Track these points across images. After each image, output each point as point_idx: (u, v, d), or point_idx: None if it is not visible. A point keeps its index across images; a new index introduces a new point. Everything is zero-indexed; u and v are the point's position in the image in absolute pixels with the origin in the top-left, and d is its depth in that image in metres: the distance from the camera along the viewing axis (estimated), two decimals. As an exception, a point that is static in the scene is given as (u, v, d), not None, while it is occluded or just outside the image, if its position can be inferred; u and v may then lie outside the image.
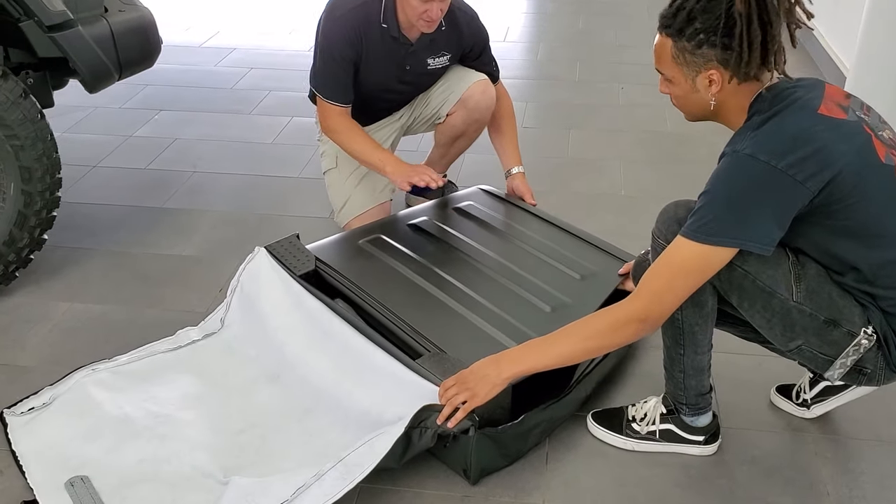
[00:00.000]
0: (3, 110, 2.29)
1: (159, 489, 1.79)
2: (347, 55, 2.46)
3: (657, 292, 1.63)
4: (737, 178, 1.56)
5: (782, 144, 1.53)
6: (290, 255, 2.32)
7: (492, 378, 1.75)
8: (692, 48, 1.60)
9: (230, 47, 4.81)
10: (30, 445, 1.91)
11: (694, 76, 1.63)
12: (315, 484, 1.69)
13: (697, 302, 1.73)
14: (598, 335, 1.69)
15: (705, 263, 1.59)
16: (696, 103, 1.69)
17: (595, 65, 4.55)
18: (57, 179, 2.46)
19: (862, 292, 1.63)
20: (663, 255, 1.63)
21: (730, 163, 1.57)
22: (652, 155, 3.47)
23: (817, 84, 1.66)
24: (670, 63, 1.65)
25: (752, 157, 1.53)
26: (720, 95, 1.64)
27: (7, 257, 2.41)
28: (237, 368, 2.14)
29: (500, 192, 2.74)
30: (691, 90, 1.66)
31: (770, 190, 1.53)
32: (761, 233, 1.55)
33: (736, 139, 1.62)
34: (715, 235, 1.56)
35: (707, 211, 1.57)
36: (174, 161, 3.42)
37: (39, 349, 2.28)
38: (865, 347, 1.63)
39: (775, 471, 1.90)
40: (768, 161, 1.52)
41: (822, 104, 1.59)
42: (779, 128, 1.56)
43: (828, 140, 1.54)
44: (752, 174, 1.54)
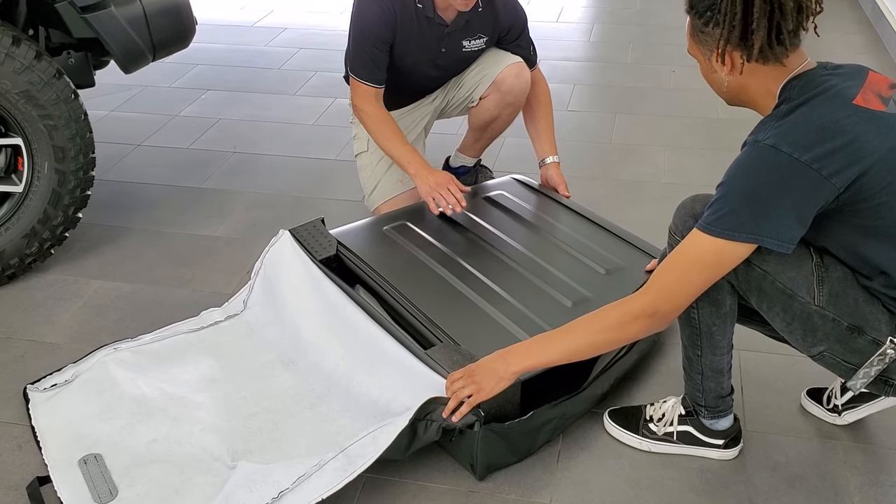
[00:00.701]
0: (37, 90, 2.32)
1: (168, 470, 1.81)
2: (381, 35, 2.41)
3: (667, 287, 1.56)
4: (756, 169, 1.46)
5: (808, 135, 1.43)
6: (314, 238, 2.31)
7: (499, 372, 1.71)
8: (702, 25, 1.53)
9: (282, 27, 4.82)
10: (48, 422, 1.94)
11: (709, 55, 1.56)
12: (315, 474, 1.68)
13: (715, 301, 1.65)
14: (606, 330, 1.63)
15: (719, 258, 1.50)
16: (715, 83, 1.61)
17: (649, 47, 4.41)
18: (91, 159, 2.49)
19: (891, 298, 1.53)
20: (677, 249, 1.56)
21: (750, 153, 1.48)
22: (699, 141, 3.35)
23: (859, 72, 1.55)
24: (691, 42, 1.60)
25: (775, 147, 1.44)
26: (737, 77, 1.54)
27: (42, 235, 2.46)
28: (255, 351, 2.15)
29: (534, 183, 2.67)
30: (709, 70, 1.59)
31: (792, 184, 1.43)
32: (780, 229, 1.45)
33: (759, 128, 1.52)
34: (730, 229, 1.47)
35: (723, 203, 1.48)
36: (216, 141, 3.44)
37: (68, 326, 2.32)
38: (892, 357, 1.53)
39: (799, 479, 1.81)
40: (791, 153, 1.43)
41: (860, 94, 1.48)
42: (806, 118, 1.46)
43: (860, 133, 1.44)
44: (772, 166, 1.44)
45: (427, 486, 1.80)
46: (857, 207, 1.47)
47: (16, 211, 2.41)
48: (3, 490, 1.80)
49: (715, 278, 1.54)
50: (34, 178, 2.41)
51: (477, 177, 2.93)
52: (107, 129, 3.52)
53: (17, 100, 2.31)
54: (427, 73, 2.58)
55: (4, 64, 2.26)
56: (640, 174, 3.12)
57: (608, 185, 3.05)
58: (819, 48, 1.61)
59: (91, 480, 1.78)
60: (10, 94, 2.29)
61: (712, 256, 1.50)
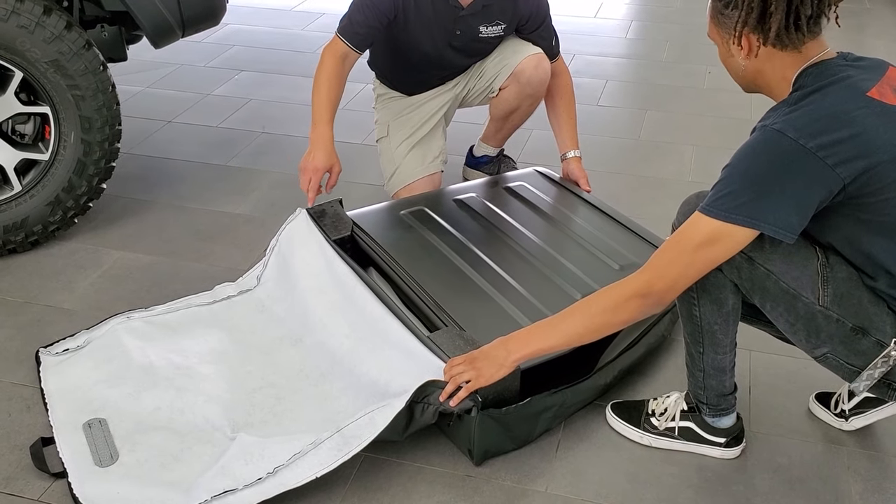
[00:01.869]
0: (66, 60, 2.36)
1: (169, 437, 1.83)
2: (383, 11, 2.40)
3: (661, 266, 1.54)
4: (760, 153, 1.44)
5: (816, 123, 1.41)
6: (330, 219, 2.32)
7: (499, 359, 1.70)
8: (722, 7, 1.52)
9: (319, 12, 4.85)
10: (57, 385, 1.98)
11: (728, 39, 1.54)
12: (311, 452, 1.69)
13: (717, 300, 1.63)
14: (602, 312, 1.61)
15: (716, 241, 1.47)
16: (734, 68, 1.59)
17: (686, 46, 4.37)
18: (116, 131, 2.53)
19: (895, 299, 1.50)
20: (678, 231, 1.54)
21: (756, 137, 1.46)
22: (729, 142, 3.30)
23: (879, 66, 1.52)
24: (711, 26, 1.58)
25: (781, 132, 1.41)
26: (753, 61, 1.52)
27: (65, 203, 2.50)
28: (265, 327, 2.16)
29: (556, 176, 2.66)
30: (727, 54, 1.57)
31: (794, 170, 1.40)
32: (778, 215, 1.42)
33: (770, 113, 1.50)
34: (728, 211, 1.44)
35: (724, 185, 1.46)
36: (245, 121, 3.47)
37: (86, 294, 2.36)
38: (895, 359, 1.50)
39: (799, 482, 1.78)
40: (797, 139, 1.40)
41: (876, 87, 1.45)
42: (816, 105, 1.43)
43: (870, 126, 1.41)
44: (776, 151, 1.41)
45: (424, 469, 1.81)
46: (863, 202, 1.44)
47: (41, 179, 2.46)
48: (9, 449, 1.84)
49: (712, 263, 1.51)
50: (60, 147, 2.45)
51: (500, 167, 2.92)
52: (140, 105, 3.57)
53: (46, 69, 2.35)
54: (443, 54, 2.56)
55: (35, 33, 2.30)
56: (666, 172, 3.09)
57: (632, 181, 3.02)
58: (862, 52, 1.58)
59: (94, 444, 1.81)
60: (40, 62, 2.33)
61: (709, 238, 1.47)
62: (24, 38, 2.29)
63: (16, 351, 2.12)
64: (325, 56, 2.46)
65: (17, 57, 2.31)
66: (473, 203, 2.46)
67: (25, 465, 1.79)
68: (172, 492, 1.69)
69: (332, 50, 2.46)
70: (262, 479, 1.68)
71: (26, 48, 2.30)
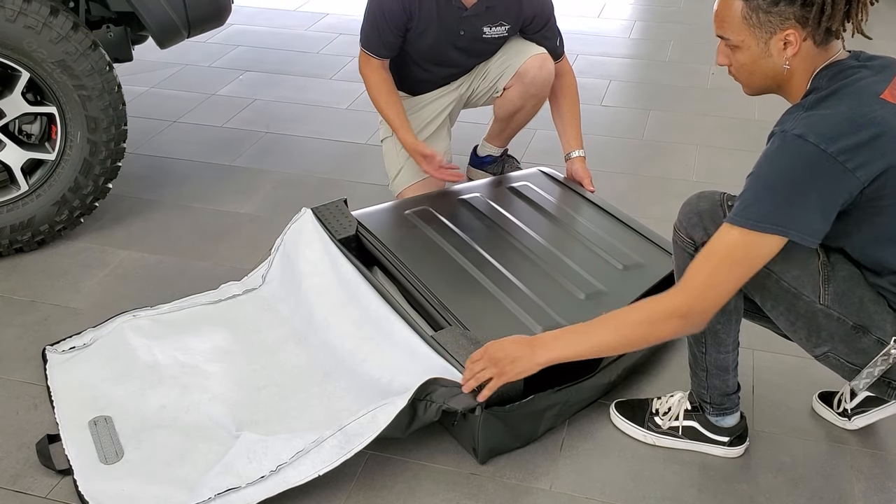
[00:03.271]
0: (72, 60, 2.38)
1: (174, 435, 1.84)
2: (397, 17, 2.45)
3: (699, 286, 1.50)
4: (783, 160, 1.42)
5: (836, 127, 1.40)
6: (335, 218, 2.33)
7: (524, 361, 1.66)
8: (767, 6, 1.45)
9: (323, 12, 4.86)
10: (63, 382, 1.99)
11: (768, 38, 1.48)
12: (314, 450, 1.70)
13: None
14: (637, 327, 1.57)
15: (749, 253, 1.45)
16: (766, 70, 1.53)
17: (690, 46, 4.37)
18: (122, 131, 2.54)
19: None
20: (707, 245, 1.51)
21: (777, 144, 1.44)
22: (733, 142, 3.31)
23: (889, 65, 1.51)
24: (739, 26, 1.50)
25: (802, 137, 1.41)
26: (793, 60, 1.50)
27: (72, 203, 2.51)
28: (269, 326, 2.17)
29: (560, 176, 2.67)
30: (762, 55, 1.51)
31: (818, 176, 1.40)
32: (805, 221, 1.41)
33: (786, 118, 1.48)
34: (756, 220, 1.43)
35: (750, 194, 1.45)
36: (250, 121, 3.49)
37: (92, 293, 2.37)
38: (895, 357, 1.50)
39: (803, 481, 1.79)
40: (818, 143, 1.39)
41: (888, 89, 1.45)
42: (834, 110, 1.43)
43: (886, 128, 1.41)
44: (799, 157, 1.41)
45: (428, 466, 1.81)
46: (879, 205, 1.44)
47: (48, 178, 2.47)
48: (16, 447, 1.85)
49: (746, 275, 1.49)
50: (66, 147, 2.47)
51: (504, 167, 2.93)
52: (145, 105, 3.59)
53: (53, 69, 2.36)
54: (447, 54, 2.58)
55: (41, 33, 2.31)
56: (670, 172, 3.09)
57: (636, 181, 3.03)
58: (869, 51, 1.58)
59: (99, 441, 1.83)
60: (46, 63, 2.35)
61: (742, 251, 1.46)
62: (31, 38, 2.30)
63: (23, 349, 2.14)
64: (365, 72, 2.61)
65: (23, 57, 2.32)
66: (477, 203, 2.47)
67: (33, 462, 1.80)
68: (177, 489, 1.70)
69: (368, 66, 2.60)
70: (265, 477, 1.69)
71: (33, 49, 2.31)
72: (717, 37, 1.57)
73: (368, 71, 2.59)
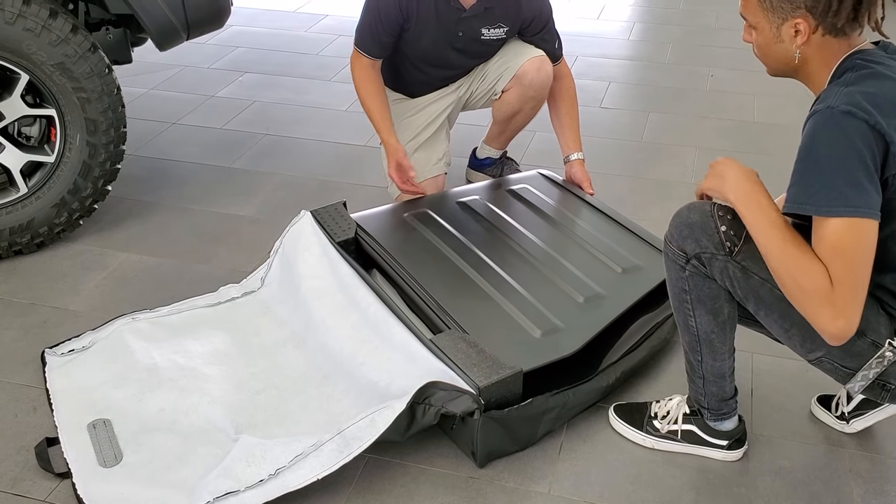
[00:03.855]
0: (72, 63, 2.38)
1: (173, 439, 1.84)
2: (393, 18, 2.46)
3: (838, 282, 1.41)
4: (837, 139, 1.39)
5: (881, 107, 1.39)
6: (334, 221, 2.33)
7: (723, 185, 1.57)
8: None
9: (322, 14, 4.86)
10: (62, 385, 1.99)
11: (780, 24, 1.49)
12: (312, 454, 1.70)
13: (712, 310, 1.64)
14: (798, 281, 1.44)
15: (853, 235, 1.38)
16: (778, 54, 1.54)
17: (688, 47, 4.37)
18: (122, 133, 2.54)
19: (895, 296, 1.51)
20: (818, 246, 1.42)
21: (826, 121, 1.40)
22: (732, 144, 3.31)
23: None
24: (756, 7, 1.51)
25: (850, 114, 1.37)
26: (805, 48, 1.50)
27: (71, 205, 2.51)
28: (268, 329, 2.17)
29: (558, 178, 2.67)
30: (774, 39, 1.52)
31: (869, 148, 1.37)
32: (870, 198, 1.38)
33: (827, 95, 1.45)
34: (827, 206, 1.38)
35: (810, 179, 1.40)
36: (249, 123, 3.49)
37: (91, 296, 2.37)
38: (890, 360, 1.50)
39: (802, 484, 1.79)
40: (866, 119, 1.37)
41: None
42: (877, 89, 1.41)
43: None
44: (850, 131, 1.37)
45: (427, 470, 1.81)
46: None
47: (47, 181, 2.47)
48: (15, 450, 1.85)
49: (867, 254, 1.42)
50: (66, 150, 2.47)
51: (503, 169, 2.93)
52: (145, 107, 3.59)
53: (52, 71, 2.36)
54: (445, 56, 2.59)
55: (41, 36, 2.31)
56: (669, 174, 3.09)
57: (635, 183, 3.03)
58: None
59: (98, 444, 1.83)
60: (46, 65, 2.35)
61: (849, 237, 1.39)
62: (31, 41, 2.30)
63: (22, 352, 2.14)
64: (356, 70, 2.60)
65: (23, 60, 2.32)
66: (477, 205, 2.47)
67: (32, 465, 1.80)
68: (175, 493, 1.70)
69: (359, 63, 2.59)
70: (263, 481, 1.69)
71: (32, 51, 2.31)
72: (740, 15, 1.58)
73: (358, 69, 2.59)
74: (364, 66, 2.58)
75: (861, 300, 1.42)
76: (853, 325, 1.42)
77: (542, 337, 1.93)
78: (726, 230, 1.56)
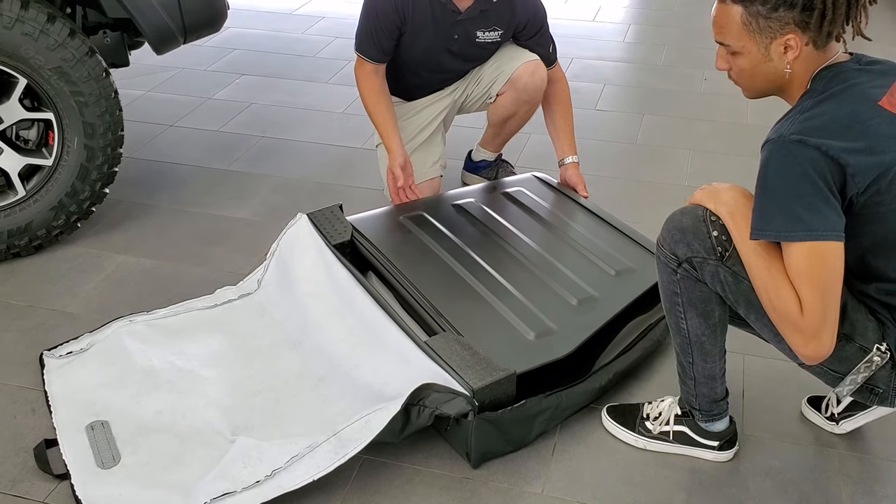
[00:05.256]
0: (70, 67, 2.39)
1: (170, 440, 1.86)
2: (390, 19, 2.49)
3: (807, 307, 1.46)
4: (788, 167, 1.42)
5: (834, 132, 1.41)
6: (330, 223, 2.35)
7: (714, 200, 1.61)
8: (767, 12, 1.46)
9: (319, 15, 4.88)
10: (60, 387, 2.01)
11: (768, 43, 1.50)
12: (308, 455, 1.72)
13: (703, 312, 1.66)
14: (769, 295, 1.50)
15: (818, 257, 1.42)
16: (767, 73, 1.54)
17: (682, 50, 4.39)
18: (119, 136, 2.56)
19: (882, 304, 1.53)
20: (790, 269, 1.46)
21: (777, 151, 1.44)
22: (726, 146, 3.34)
23: (891, 71, 1.52)
24: (739, 32, 1.50)
25: (802, 143, 1.41)
26: (795, 63, 1.51)
27: (69, 208, 2.53)
28: (264, 331, 2.19)
29: (553, 181, 2.69)
30: (763, 59, 1.52)
31: (824, 177, 1.40)
32: (829, 221, 1.41)
33: (782, 124, 1.48)
34: (786, 231, 1.43)
35: (765, 206, 1.45)
36: (246, 125, 3.51)
37: (89, 298, 2.39)
38: (877, 364, 1.53)
39: (791, 485, 1.82)
40: (818, 147, 1.40)
41: (886, 96, 1.47)
42: (833, 115, 1.43)
43: (882, 136, 1.43)
44: (802, 161, 1.40)
45: (422, 471, 1.84)
46: (872, 212, 1.45)
47: (45, 184, 2.49)
48: (14, 451, 1.87)
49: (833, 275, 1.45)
50: (63, 153, 2.48)
51: (498, 171, 2.95)
52: (141, 109, 3.61)
53: (50, 75, 2.38)
54: (441, 59, 2.61)
55: (39, 40, 2.33)
56: (663, 176, 3.12)
57: (629, 185, 3.05)
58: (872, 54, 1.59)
59: (96, 446, 1.85)
60: (44, 69, 2.36)
61: (810, 260, 1.43)
62: (29, 45, 2.32)
63: (20, 354, 2.16)
64: (360, 76, 2.63)
65: (21, 64, 2.34)
66: (472, 208, 2.50)
67: (31, 467, 1.82)
68: (173, 494, 1.73)
69: (363, 69, 2.61)
70: (260, 482, 1.71)
71: (30, 55, 2.33)
72: (716, 42, 1.58)
73: (362, 75, 2.62)
74: (368, 73, 2.60)
75: (833, 322, 1.47)
76: (825, 346, 1.47)
77: (536, 339, 1.95)
78: (718, 235, 1.58)
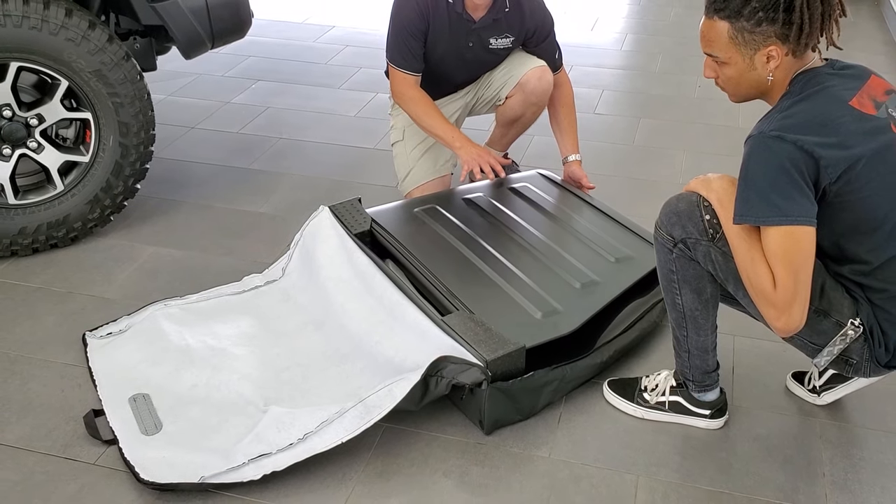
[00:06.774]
0: (108, 70, 2.57)
1: (207, 410, 2.02)
2: (417, 26, 2.63)
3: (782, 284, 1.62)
4: (768, 160, 1.58)
5: (808, 129, 1.58)
6: (350, 215, 2.52)
7: (706, 187, 1.77)
8: (751, 27, 1.63)
9: (330, 25, 5.07)
10: (103, 364, 2.17)
11: (752, 54, 1.66)
12: (336, 420, 1.89)
13: (696, 289, 1.83)
14: (749, 272, 1.66)
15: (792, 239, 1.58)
16: (752, 81, 1.70)
17: (677, 58, 4.59)
18: (151, 135, 2.73)
19: (855, 283, 1.70)
20: (769, 252, 1.62)
21: (758, 145, 1.60)
22: (719, 147, 3.52)
23: (861, 74, 1.70)
24: (726, 45, 1.67)
25: (780, 138, 1.57)
26: (777, 71, 1.67)
27: (104, 202, 2.71)
28: (290, 314, 2.36)
29: (557, 178, 2.87)
30: (748, 68, 1.68)
31: (799, 168, 1.57)
32: (803, 208, 1.58)
33: (763, 121, 1.66)
34: (764, 216, 1.59)
35: (746, 194, 1.61)
36: (264, 127, 3.68)
37: (124, 285, 2.56)
38: (851, 338, 1.70)
39: (776, 449, 1.99)
40: (794, 141, 1.57)
41: (856, 97, 1.64)
42: (807, 114, 1.61)
43: (851, 131, 1.60)
44: (782, 153, 1.57)
45: (439, 437, 2.00)
46: (843, 200, 1.62)
47: (82, 179, 2.66)
48: (65, 420, 2.03)
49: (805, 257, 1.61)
50: (100, 150, 2.66)
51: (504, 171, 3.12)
52: (164, 112, 3.78)
53: (90, 78, 2.55)
54: (455, 66, 2.78)
55: (81, 45, 2.51)
56: (659, 175, 3.30)
57: (626, 183, 3.23)
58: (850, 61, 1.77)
59: (139, 415, 2.00)
60: (84, 72, 2.54)
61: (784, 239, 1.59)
62: (72, 50, 2.50)
63: (64, 335, 2.32)
64: (403, 90, 2.71)
65: (64, 67, 2.52)
66: (481, 202, 2.67)
67: (80, 434, 1.98)
68: (213, 456, 1.88)
69: (402, 84, 2.70)
70: (293, 445, 1.87)
71: (73, 59, 2.51)
72: (704, 53, 1.75)
73: (406, 89, 2.69)
74: (410, 85, 2.69)
75: (803, 298, 1.63)
76: (796, 321, 1.64)
77: (543, 318, 2.13)
78: (710, 219, 1.75)
